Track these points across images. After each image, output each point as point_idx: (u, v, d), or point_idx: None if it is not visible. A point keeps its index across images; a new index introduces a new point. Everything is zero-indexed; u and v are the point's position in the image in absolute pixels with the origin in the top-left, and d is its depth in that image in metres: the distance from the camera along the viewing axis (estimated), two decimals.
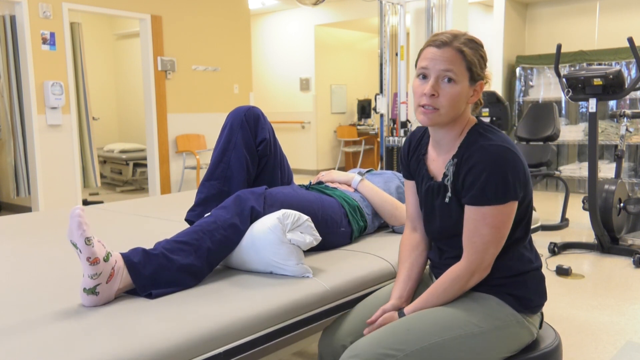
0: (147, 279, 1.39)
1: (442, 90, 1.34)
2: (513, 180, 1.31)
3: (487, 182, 1.30)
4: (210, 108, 6.82)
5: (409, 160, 1.57)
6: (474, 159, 1.33)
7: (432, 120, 1.37)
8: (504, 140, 1.35)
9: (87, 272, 1.30)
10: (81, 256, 1.29)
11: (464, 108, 1.39)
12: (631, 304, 3.02)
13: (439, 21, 5.46)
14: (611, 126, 6.37)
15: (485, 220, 1.32)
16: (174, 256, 1.43)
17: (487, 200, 1.31)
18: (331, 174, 2.18)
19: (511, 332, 1.38)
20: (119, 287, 1.36)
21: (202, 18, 6.63)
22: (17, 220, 2.44)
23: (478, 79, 1.38)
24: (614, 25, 6.77)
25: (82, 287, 1.32)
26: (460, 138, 1.41)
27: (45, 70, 5.31)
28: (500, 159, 1.31)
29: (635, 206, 4.05)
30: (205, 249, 1.48)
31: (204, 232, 1.50)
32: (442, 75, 1.34)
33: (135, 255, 1.39)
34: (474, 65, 1.35)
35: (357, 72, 9.87)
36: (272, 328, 1.35)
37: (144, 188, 7.58)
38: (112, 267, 1.33)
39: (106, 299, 1.34)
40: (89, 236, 1.28)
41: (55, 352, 1.10)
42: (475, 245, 1.34)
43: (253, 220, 1.60)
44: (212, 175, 1.77)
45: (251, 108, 1.82)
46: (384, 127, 5.66)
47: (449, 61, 1.33)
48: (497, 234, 1.33)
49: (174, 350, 1.15)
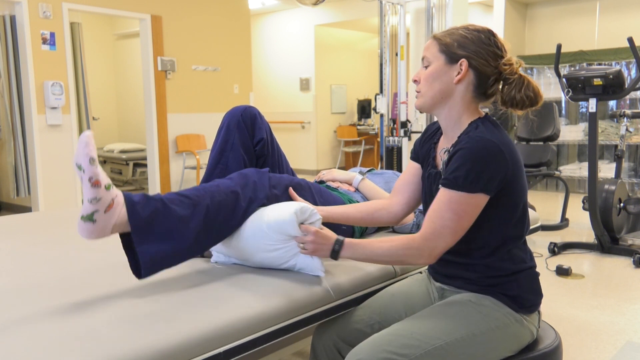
0: (143, 220, 1.38)
1: (421, 75, 1.46)
2: (489, 174, 1.30)
3: (461, 168, 1.31)
4: (210, 108, 6.82)
5: (421, 146, 1.61)
6: (459, 146, 1.35)
7: (417, 102, 1.47)
8: (498, 136, 1.34)
9: (88, 195, 1.29)
10: (84, 177, 1.29)
11: (449, 89, 1.41)
12: (631, 304, 3.02)
13: (439, 21, 5.46)
14: (611, 126, 6.36)
15: (449, 205, 1.32)
16: (173, 205, 1.43)
17: (456, 185, 1.31)
18: (332, 172, 2.18)
19: (512, 331, 1.38)
20: (115, 222, 1.34)
21: (202, 18, 6.63)
22: (17, 220, 2.44)
23: (457, 57, 1.40)
24: (614, 25, 6.77)
25: (80, 215, 1.31)
26: (464, 126, 1.43)
27: (45, 70, 5.31)
28: (482, 149, 1.30)
29: (635, 206, 4.05)
30: (204, 206, 1.47)
31: (205, 191, 1.51)
32: (423, 64, 1.46)
33: (136, 196, 1.40)
34: (445, 46, 1.41)
35: (357, 72, 9.87)
36: (272, 328, 1.35)
37: (144, 188, 7.58)
38: (112, 198, 1.33)
39: (101, 231, 1.33)
40: (94, 157, 1.28)
41: (55, 352, 1.10)
42: (434, 225, 1.34)
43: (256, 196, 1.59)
44: (211, 177, 1.76)
45: (248, 108, 1.82)
46: (384, 127, 5.66)
47: (425, 50, 1.45)
48: (458, 222, 1.33)
49: (174, 350, 1.15)
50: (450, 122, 1.45)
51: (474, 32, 1.41)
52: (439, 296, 1.52)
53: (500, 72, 1.40)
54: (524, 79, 1.40)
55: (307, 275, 1.58)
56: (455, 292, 1.47)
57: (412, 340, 1.29)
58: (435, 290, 1.54)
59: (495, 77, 1.41)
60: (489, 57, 1.39)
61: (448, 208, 1.32)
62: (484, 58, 1.39)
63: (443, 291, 1.50)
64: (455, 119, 1.43)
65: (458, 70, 1.39)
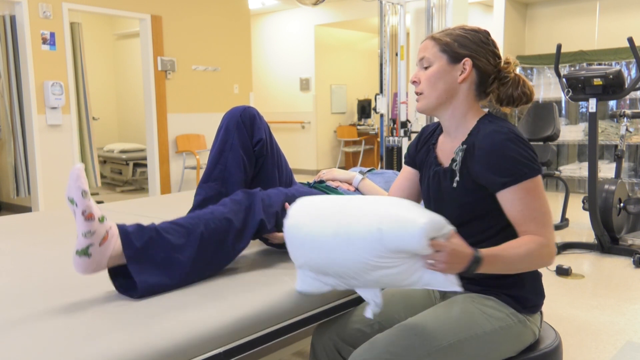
0: (138, 250, 1.38)
1: (421, 76, 1.44)
2: (533, 153, 1.33)
3: (516, 157, 1.30)
4: (210, 108, 6.82)
5: (417, 150, 1.60)
6: (488, 143, 1.33)
7: (420, 104, 1.45)
8: (514, 128, 1.37)
9: (81, 228, 1.29)
10: (77, 211, 1.28)
11: (452, 88, 1.41)
12: (631, 304, 3.02)
13: (439, 21, 5.46)
14: (611, 126, 6.36)
15: (532, 193, 1.31)
16: (167, 235, 1.43)
17: (524, 174, 1.30)
18: (332, 172, 2.18)
19: (515, 332, 1.38)
20: (111, 254, 1.34)
21: (202, 18, 6.63)
22: (17, 220, 2.44)
23: (460, 57, 1.40)
24: (614, 25, 6.77)
25: (75, 250, 1.30)
26: (470, 125, 1.43)
27: (45, 70, 5.31)
28: (519, 137, 1.33)
29: (635, 206, 4.05)
30: (198, 234, 1.48)
31: (199, 218, 1.51)
32: (420, 65, 1.45)
33: (130, 226, 1.40)
34: (447, 46, 1.40)
35: (357, 72, 9.87)
36: (272, 328, 1.35)
37: (144, 188, 7.58)
38: (106, 230, 1.32)
39: (97, 265, 1.32)
40: (86, 189, 1.28)
41: (55, 352, 1.10)
42: (537, 220, 1.30)
43: (249, 221, 1.60)
44: (210, 177, 1.77)
45: (247, 108, 1.82)
46: (384, 127, 5.66)
47: (423, 50, 1.44)
48: (547, 205, 1.32)
49: (174, 350, 1.15)
50: (455, 121, 1.45)
51: (472, 32, 1.42)
52: (441, 296, 1.52)
53: (500, 70, 1.43)
54: (519, 78, 1.44)
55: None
56: (458, 292, 1.46)
57: (415, 342, 1.28)
58: (437, 290, 1.54)
59: (495, 75, 1.43)
60: (489, 56, 1.41)
61: (532, 197, 1.31)
62: (485, 57, 1.41)
63: (445, 291, 1.50)
64: (460, 118, 1.44)
65: (461, 69, 1.40)
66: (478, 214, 1.40)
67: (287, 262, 1.71)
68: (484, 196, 1.37)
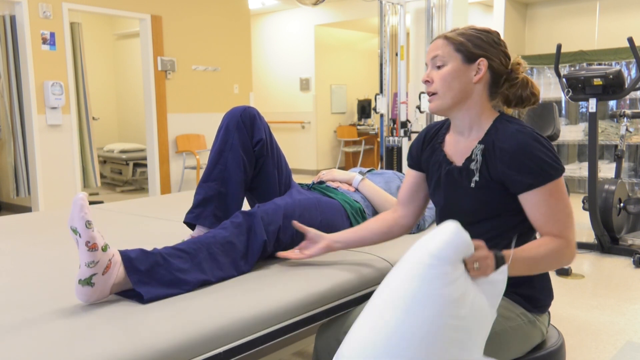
0: (143, 273, 1.38)
1: (435, 75, 1.41)
2: (555, 153, 1.34)
3: (542, 159, 1.31)
4: (210, 108, 6.82)
5: (422, 151, 1.58)
6: (514, 143, 1.33)
7: (434, 104, 1.42)
8: (530, 126, 1.38)
9: (85, 259, 1.28)
10: (80, 241, 1.27)
11: (468, 89, 1.40)
12: (631, 304, 3.02)
13: (439, 21, 5.46)
14: (611, 126, 6.36)
15: (555, 195, 1.32)
16: (171, 259, 1.44)
17: (549, 176, 1.31)
18: (332, 172, 2.19)
19: (525, 332, 1.38)
20: (114, 281, 1.34)
21: (202, 18, 6.63)
22: (17, 220, 2.44)
23: (474, 57, 1.39)
24: (614, 25, 6.77)
25: (78, 279, 1.30)
26: (485, 125, 1.42)
27: (45, 70, 5.31)
28: (541, 137, 1.34)
29: (635, 206, 4.05)
30: (202, 259, 1.49)
31: (201, 243, 1.51)
32: (433, 64, 1.42)
33: (132, 252, 1.40)
34: (462, 46, 1.39)
35: (357, 72, 9.87)
36: (272, 328, 1.35)
37: (144, 188, 7.58)
38: (109, 259, 1.32)
39: (100, 294, 1.32)
40: (90, 220, 1.28)
41: (55, 352, 1.09)
42: (561, 221, 1.32)
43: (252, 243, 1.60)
44: (210, 177, 1.77)
45: (247, 108, 1.82)
46: (384, 127, 5.66)
47: (435, 49, 1.42)
48: (570, 205, 1.33)
49: (174, 350, 1.15)
50: (469, 121, 1.44)
51: (484, 32, 1.42)
52: None
53: (511, 71, 1.43)
54: (527, 79, 1.45)
55: (306, 275, 1.58)
56: None
57: None
58: None
59: (505, 76, 1.43)
60: (501, 57, 1.42)
61: (556, 199, 1.32)
62: (497, 58, 1.41)
63: None
64: (474, 118, 1.43)
65: (476, 69, 1.40)
66: (493, 213, 1.40)
67: (286, 262, 1.71)
68: (502, 196, 1.37)
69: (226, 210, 1.75)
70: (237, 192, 1.77)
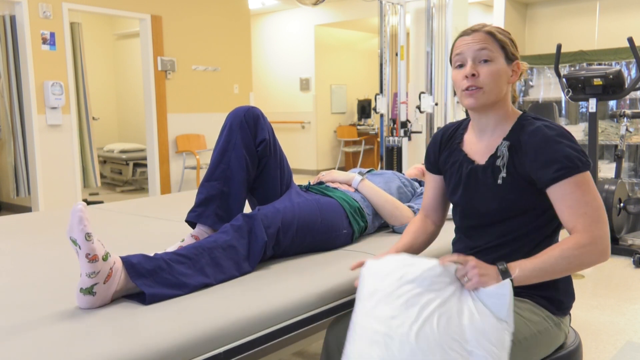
0: (146, 277, 1.38)
1: (481, 70, 1.36)
2: (584, 151, 1.33)
3: (568, 151, 1.30)
4: (210, 108, 6.82)
5: (439, 153, 1.57)
6: (540, 138, 1.33)
7: (479, 100, 1.37)
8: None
9: (85, 270, 1.28)
10: (80, 253, 1.27)
11: (505, 89, 1.40)
12: (631, 304, 3.02)
13: (439, 21, 5.46)
14: (611, 126, 6.36)
15: (583, 187, 1.28)
16: (174, 264, 1.44)
17: (576, 167, 1.29)
18: (332, 173, 2.18)
19: (550, 335, 1.39)
20: (116, 288, 1.34)
21: (202, 18, 6.63)
22: (17, 220, 2.44)
23: (513, 58, 1.40)
24: (614, 25, 6.77)
25: (79, 287, 1.30)
26: (509, 123, 1.42)
27: (45, 70, 5.31)
28: (567, 132, 1.33)
29: (635, 206, 4.05)
30: (204, 264, 1.49)
31: (203, 248, 1.51)
32: (478, 56, 1.37)
33: (134, 257, 1.39)
34: (505, 44, 1.38)
35: (357, 72, 9.87)
36: (272, 328, 1.35)
37: (144, 188, 7.58)
38: (110, 267, 1.32)
39: (102, 301, 1.33)
40: (89, 232, 1.27)
41: (55, 352, 1.10)
42: (587, 215, 1.26)
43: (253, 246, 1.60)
44: (212, 176, 1.77)
45: (251, 108, 1.82)
46: (384, 127, 5.66)
47: (481, 41, 1.37)
48: (599, 199, 1.30)
49: (174, 350, 1.15)
50: (496, 119, 1.43)
51: (510, 34, 1.43)
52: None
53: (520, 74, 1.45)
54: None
55: (306, 275, 1.58)
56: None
57: None
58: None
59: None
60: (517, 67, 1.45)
61: (584, 191, 1.29)
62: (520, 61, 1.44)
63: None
64: (502, 117, 1.43)
65: (512, 70, 1.41)
66: (518, 211, 1.39)
67: (286, 262, 1.71)
68: (530, 192, 1.36)
69: (228, 210, 1.75)
70: (239, 191, 1.77)
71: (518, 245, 1.41)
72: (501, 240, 1.42)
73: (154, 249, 1.69)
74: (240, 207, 1.78)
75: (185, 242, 1.69)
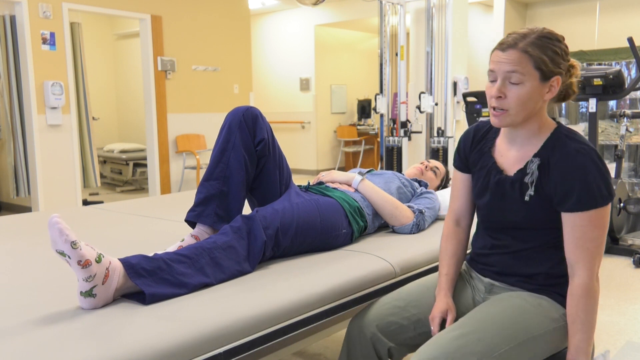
0: (146, 277, 1.38)
1: (509, 92, 1.33)
2: (610, 180, 1.32)
3: (593, 184, 1.29)
4: (210, 108, 6.82)
5: (469, 152, 1.55)
6: (571, 164, 1.32)
7: (503, 122, 1.37)
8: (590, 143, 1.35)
9: (81, 275, 1.29)
10: (71, 262, 1.27)
11: (538, 106, 1.36)
12: (631, 304, 3.02)
13: (439, 21, 5.46)
14: (611, 126, 6.36)
15: (595, 223, 1.30)
16: (174, 264, 1.44)
17: (595, 202, 1.29)
18: (331, 174, 2.19)
19: (564, 332, 1.39)
20: (116, 287, 1.35)
21: (202, 18, 6.63)
22: (17, 220, 2.44)
23: (552, 75, 1.33)
24: (614, 25, 6.77)
25: (79, 291, 1.31)
26: (541, 137, 1.40)
27: (45, 70, 5.31)
28: (599, 160, 1.31)
29: (635, 206, 4.05)
30: (203, 264, 1.49)
31: (203, 249, 1.52)
32: (507, 77, 1.32)
33: (133, 258, 1.40)
34: (542, 63, 1.31)
35: (357, 72, 9.87)
36: (272, 328, 1.35)
37: (144, 188, 7.58)
38: (106, 268, 1.32)
39: (104, 301, 1.33)
40: (74, 240, 1.26)
41: (54, 352, 1.10)
42: (589, 251, 1.31)
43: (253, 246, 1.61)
44: (212, 176, 1.77)
45: (249, 108, 1.82)
46: (384, 127, 5.66)
47: (513, 63, 1.31)
48: (604, 235, 1.32)
49: (174, 350, 1.15)
50: (528, 133, 1.40)
51: (557, 42, 1.34)
52: (486, 291, 1.51)
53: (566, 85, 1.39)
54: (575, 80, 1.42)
55: (306, 275, 1.58)
56: (507, 289, 1.46)
57: (480, 347, 1.27)
58: (481, 284, 1.52)
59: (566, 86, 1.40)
60: (567, 72, 1.38)
61: (594, 227, 1.31)
62: (566, 73, 1.37)
63: (492, 287, 1.49)
64: (535, 131, 1.40)
65: (549, 87, 1.34)
66: (539, 226, 1.40)
67: (286, 262, 1.71)
68: (552, 212, 1.37)
69: (228, 209, 1.75)
70: (238, 191, 1.77)
71: (531, 254, 1.43)
72: (528, 245, 1.43)
73: (154, 249, 1.69)
74: (240, 207, 1.79)
75: (185, 242, 1.69)
